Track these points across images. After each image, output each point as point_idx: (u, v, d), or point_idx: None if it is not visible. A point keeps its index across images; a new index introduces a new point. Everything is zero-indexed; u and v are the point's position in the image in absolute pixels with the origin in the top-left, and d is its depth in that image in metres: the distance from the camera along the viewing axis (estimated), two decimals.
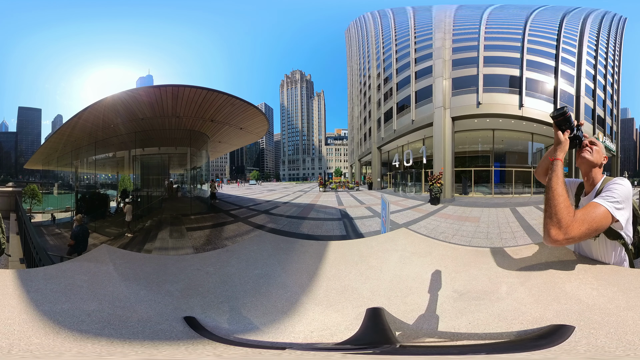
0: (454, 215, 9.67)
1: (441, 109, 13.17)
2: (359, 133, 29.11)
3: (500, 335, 1.53)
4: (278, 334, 1.75)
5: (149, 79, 33.94)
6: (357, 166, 32.19)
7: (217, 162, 74.64)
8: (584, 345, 1.29)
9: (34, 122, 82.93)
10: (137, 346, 1.49)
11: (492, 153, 14.31)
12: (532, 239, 6.88)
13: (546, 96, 13.71)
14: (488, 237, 7.35)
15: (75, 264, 2.68)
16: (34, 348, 1.37)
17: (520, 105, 13.20)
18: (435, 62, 14.14)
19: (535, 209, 9.90)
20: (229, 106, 9.99)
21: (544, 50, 14.32)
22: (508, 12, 16.54)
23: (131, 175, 13.86)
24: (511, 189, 13.70)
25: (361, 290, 2.18)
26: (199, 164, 14.23)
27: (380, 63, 20.39)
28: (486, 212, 9.76)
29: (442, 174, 12.05)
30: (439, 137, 13.10)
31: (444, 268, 2.31)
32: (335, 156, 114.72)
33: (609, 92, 16.84)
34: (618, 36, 17.78)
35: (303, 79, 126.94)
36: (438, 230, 7.99)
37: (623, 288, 1.73)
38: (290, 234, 8.16)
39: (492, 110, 13.24)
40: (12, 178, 54.12)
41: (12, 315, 1.61)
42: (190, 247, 7.40)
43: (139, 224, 10.26)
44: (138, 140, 12.00)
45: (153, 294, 2.11)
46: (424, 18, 16.76)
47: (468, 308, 1.80)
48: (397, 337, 1.56)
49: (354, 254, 2.78)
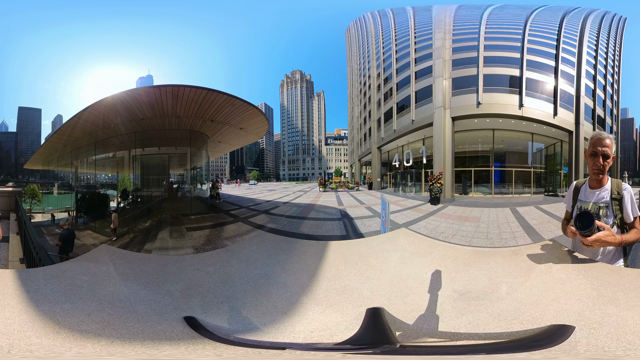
0: (454, 215, 9.67)
1: (441, 109, 13.17)
2: (359, 133, 29.12)
3: (500, 335, 1.53)
4: (278, 334, 1.75)
5: (149, 79, 33.97)
6: (357, 166, 32.19)
7: (217, 162, 74.69)
8: (584, 345, 1.29)
9: (34, 122, 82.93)
10: (137, 346, 1.49)
11: (492, 153, 14.32)
12: (532, 239, 6.88)
13: (546, 96, 13.71)
14: (488, 237, 7.35)
15: (75, 264, 2.67)
16: (34, 348, 1.37)
17: (520, 105, 13.20)
18: (435, 62, 14.13)
19: (535, 209, 9.90)
20: (229, 106, 9.98)
21: (544, 50, 14.32)
22: (508, 12, 16.54)
23: (131, 175, 13.86)
24: (511, 189, 13.70)
25: (361, 290, 2.18)
26: (199, 164, 14.23)
27: (380, 63, 20.40)
28: (486, 212, 9.76)
29: (442, 174, 12.04)
30: (439, 137, 13.09)
31: (444, 268, 2.31)
32: (335, 156, 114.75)
33: (609, 92, 16.84)
34: (618, 36, 17.79)
35: (303, 79, 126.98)
36: (438, 230, 7.99)
37: (623, 288, 1.73)
38: (290, 234, 8.16)
39: (492, 110, 13.24)
40: (12, 178, 54.12)
41: (12, 315, 1.61)
42: (190, 247, 7.40)
43: (138, 224, 10.27)
44: (138, 140, 11.99)
45: (153, 294, 2.11)
46: (424, 18, 16.76)
47: (468, 308, 1.80)
48: (397, 337, 1.56)
49: (354, 254, 2.78)
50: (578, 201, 2.36)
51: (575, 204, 2.39)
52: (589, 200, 2.29)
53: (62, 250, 7.35)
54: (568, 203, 2.48)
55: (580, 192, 2.38)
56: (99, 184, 15.07)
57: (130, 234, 9.50)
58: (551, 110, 13.61)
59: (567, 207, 2.49)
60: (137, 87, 24.67)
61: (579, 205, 2.33)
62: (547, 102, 13.64)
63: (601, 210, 2.21)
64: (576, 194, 2.41)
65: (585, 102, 14.41)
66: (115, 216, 9.33)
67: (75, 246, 8.99)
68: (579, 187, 2.40)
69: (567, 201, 2.50)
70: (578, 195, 2.38)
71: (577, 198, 2.39)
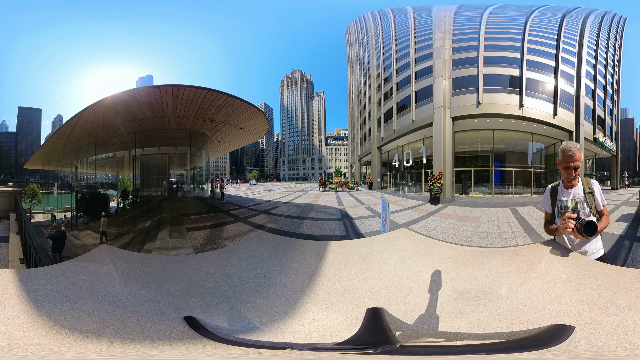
0: (454, 215, 9.67)
1: (441, 109, 13.17)
2: (359, 133, 29.12)
3: (500, 335, 1.53)
4: (278, 334, 1.75)
5: (149, 79, 33.88)
6: (357, 166, 32.20)
7: (217, 162, 74.67)
8: (584, 345, 1.29)
9: (34, 122, 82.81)
10: (137, 346, 1.49)
11: (492, 153, 14.32)
12: (532, 239, 6.87)
13: (546, 96, 13.71)
14: (488, 237, 7.34)
15: (75, 264, 2.67)
16: (34, 348, 1.37)
17: (520, 105, 13.20)
18: (435, 62, 14.13)
19: (535, 209, 9.90)
20: (229, 106, 9.98)
21: (544, 50, 14.32)
22: (508, 12, 16.55)
23: (131, 175, 13.87)
24: (511, 189, 13.70)
25: (361, 290, 2.18)
26: (199, 164, 14.24)
27: (380, 63, 20.40)
28: (486, 212, 9.75)
29: (442, 174, 12.04)
30: (439, 137, 13.09)
31: (444, 268, 2.31)
32: (335, 156, 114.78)
33: (609, 92, 16.85)
34: (618, 36, 17.80)
35: (303, 79, 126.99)
36: (438, 230, 7.99)
37: (623, 288, 1.73)
38: (290, 234, 8.15)
39: (492, 110, 13.24)
40: (12, 178, 54.03)
41: (12, 315, 1.61)
42: (190, 247, 7.40)
43: (138, 224, 10.27)
44: (138, 140, 12.00)
45: (153, 294, 2.11)
46: (424, 18, 16.77)
47: (468, 308, 1.80)
48: (397, 337, 1.56)
49: (354, 254, 2.78)
50: (558, 201, 2.65)
51: (555, 204, 2.67)
52: (567, 198, 2.61)
53: (53, 249, 7.84)
54: (547, 205, 2.72)
55: (557, 193, 2.67)
56: (99, 184, 15.08)
57: (130, 234, 9.50)
58: (551, 110, 13.62)
59: (547, 209, 2.73)
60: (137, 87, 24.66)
61: (559, 204, 2.63)
62: (547, 102, 13.64)
63: (578, 204, 2.56)
64: (554, 195, 2.68)
65: (585, 102, 14.41)
66: (104, 220, 9.59)
67: (75, 246, 9.05)
68: (555, 189, 2.69)
69: (545, 204, 2.75)
70: (556, 196, 2.67)
71: (555, 199, 2.67)
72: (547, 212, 2.74)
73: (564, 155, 2.52)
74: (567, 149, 2.48)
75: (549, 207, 2.71)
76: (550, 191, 2.73)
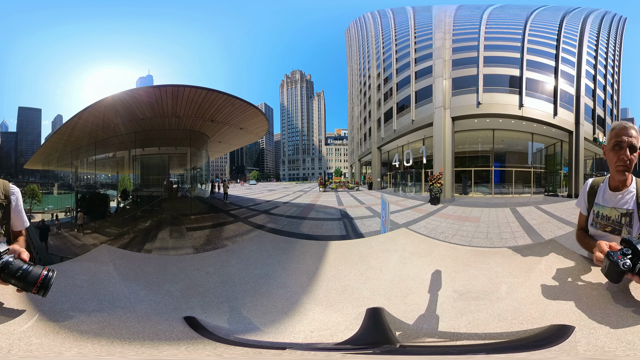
0: (454, 215, 9.67)
1: (441, 109, 13.17)
2: (359, 133, 29.11)
3: (500, 335, 1.53)
4: (278, 334, 1.75)
5: (149, 79, 33.80)
6: (357, 166, 32.19)
7: (217, 162, 74.53)
8: (584, 345, 1.29)
9: (34, 122, 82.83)
10: (137, 346, 1.49)
11: (492, 153, 14.31)
12: (532, 239, 6.87)
13: (546, 96, 13.71)
14: (488, 237, 7.34)
15: (75, 264, 2.67)
16: (34, 348, 1.37)
17: (520, 105, 13.20)
18: (435, 62, 14.13)
19: (535, 209, 9.90)
20: (229, 106, 9.98)
21: (544, 50, 14.32)
22: (508, 12, 16.55)
23: (131, 175, 13.87)
24: (511, 189, 13.70)
25: (361, 290, 2.18)
26: (199, 164, 14.24)
27: (380, 63, 20.40)
28: (486, 212, 9.75)
29: (442, 174, 12.04)
30: (439, 137, 13.09)
31: (444, 268, 2.31)
32: (335, 156, 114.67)
33: (609, 92, 16.84)
34: (618, 36, 17.79)
35: (303, 79, 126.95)
36: (438, 230, 7.99)
37: (623, 288, 1.73)
38: (290, 234, 8.15)
39: (492, 110, 13.24)
40: (12, 178, 54.05)
41: (12, 315, 1.61)
42: (190, 247, 7.40)
43: (138, 224, 10.27)
44: (138, 140, 12.00)
45: (153, 294, 2.11)
46: (424, 18, 16.76)
47: (468, 308, 1.80)
48: (397, 337, 1.56)
49: (354, 254, 2.78)
50: (594, 205, 1.97)
51: (591, 207, 1.99)
52: (608, 204, 1.90)
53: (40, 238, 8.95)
54: (582, 205, 2.06)
55: (597, 193, 1.96)
56: (99, 184, 15.07)
57: (130, 234, 9.50)
58: (551, 110, 13.62)
59: (581, 210, 2.07)
60: (137, 87, 24.67)
61: (595, 210, 1.96)
62: (547, 102, 13.64)
63: (623, 218, 1.82)
64: (591, 194, 2.00)
65: (585, 102, 14.40)
66: (80, 215, 10.79)
67: (75, 246, 9.10)
68: (595, 187, 1.99)
69: (580, 203, 2.08)
70: (594, 198, 1.97)
71: (592, 201, 1.98)
72: (581, 213, 2.07)
73: (616, 130, 1.77)
74: (621, 123, 1.79)
75: (584, 208, 2.04)
76: (588, 188, 2.02)
